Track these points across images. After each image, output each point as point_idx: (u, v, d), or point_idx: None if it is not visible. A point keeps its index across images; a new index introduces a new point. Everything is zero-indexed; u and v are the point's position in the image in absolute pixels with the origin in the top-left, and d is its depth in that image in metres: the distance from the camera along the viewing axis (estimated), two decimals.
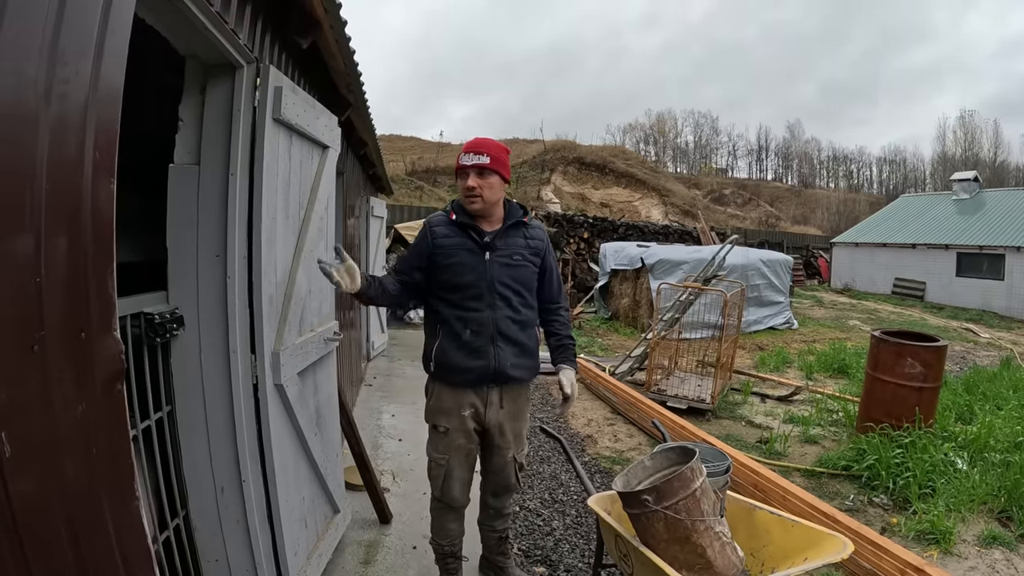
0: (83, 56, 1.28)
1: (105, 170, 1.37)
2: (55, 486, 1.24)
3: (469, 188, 2.79)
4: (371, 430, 5.67)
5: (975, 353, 11.69)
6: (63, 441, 1.26)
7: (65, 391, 1.26)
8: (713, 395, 6.73)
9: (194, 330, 2.42)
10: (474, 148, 2.82)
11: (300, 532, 2.89)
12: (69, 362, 1.28)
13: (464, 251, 2.83)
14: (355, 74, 3.89)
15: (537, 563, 3.57)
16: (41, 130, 1.16)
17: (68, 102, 1.24)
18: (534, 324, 3.02)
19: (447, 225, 2.89)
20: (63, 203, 1.24)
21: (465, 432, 2.90)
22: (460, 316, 2.83)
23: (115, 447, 1.46)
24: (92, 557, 1.36)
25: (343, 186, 5.71)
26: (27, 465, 1.15)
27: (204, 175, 2.40)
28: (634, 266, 12.78)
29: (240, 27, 2.31)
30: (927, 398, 5.38)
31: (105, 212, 1.37)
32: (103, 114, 1.35)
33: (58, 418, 1.24)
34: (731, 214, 44.00)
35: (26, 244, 1.14)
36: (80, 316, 1.31)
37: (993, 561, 3.78)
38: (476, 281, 2.82)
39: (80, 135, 1.28)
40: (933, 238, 22.04)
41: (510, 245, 2.90)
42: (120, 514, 1.47)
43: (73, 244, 1.28)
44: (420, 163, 35.68)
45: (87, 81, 1.29)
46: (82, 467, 1.33)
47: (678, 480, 2.31)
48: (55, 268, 1.22)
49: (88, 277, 1.33)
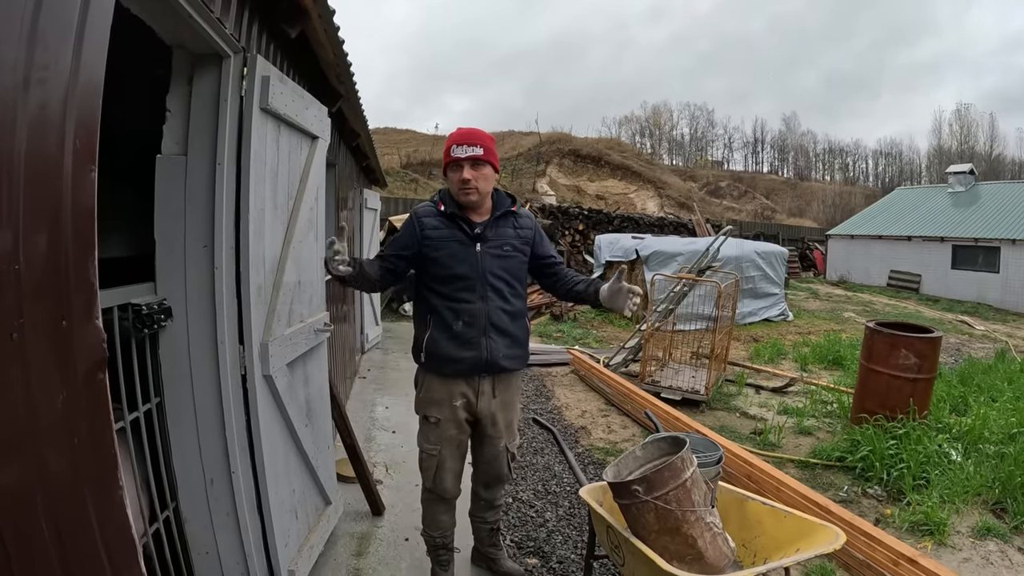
0: (63, 41, 1.26)
1: (86, 158, 1.35)
2: (36, 476, 1.23)
3: (464, 180, 2.75)
4: (364, 422, 5.67)
5: (970, 345, 11.71)
6: (44, 430, 1.25)
7: (46, 380, 1.25)
8: (707, 386, 6.72)
9: (182, 321, 2.41)
10: (467, 139, 2.78)
11: (291, 523, 2.88)
12: (50, 350, 1.27)
13: (454, 242, 2.81)
14: (345, 65, 3.86)
15: (530, 554, 3.57)
16: (19, 117, 1.15)
17: (48, 88, 1.22)
18: (524, 315, 3.01)
19: (435, 216, 2.86)
20: (42, 191, 1.23)
21: (457, 422, 2.89)
22: (451, 307, 2.81)
23: (98, 436, 1.45)
24: (74, 548, 1.34)
25: (335, 178, 5.69)
26: (6, 455, 1.14)
27: (191, 165, 2.38)
28: (629, 258, 12.76)
29: (226, 16, 2.28)
30: (921, 389, 5.38)
31: (86, 200, 1.36)
32: (84, 101, 1.34)
33: (38, 407, 1.23)
34: (727, 206, 43.97)
35: (4, 231, 1.12)
36: (61, 304, 1.30)
37: (987, 553, 3.78)
38: (468, 272, 2.80)
39: (60, 122, 1.27)
40: (929, 231, 22.03)
41: (500, 236, 2.88)
42: (104, 504, 1.46)
43: (53, 232, 1.27)
44: (415, 156, 35.63)
45: (67, 67, 1.28)
46: (64, 457, 1.32)
47: (668, 470, 2.31)
48: (34, 256, 1.20)
49: (69, 265, 1.31)
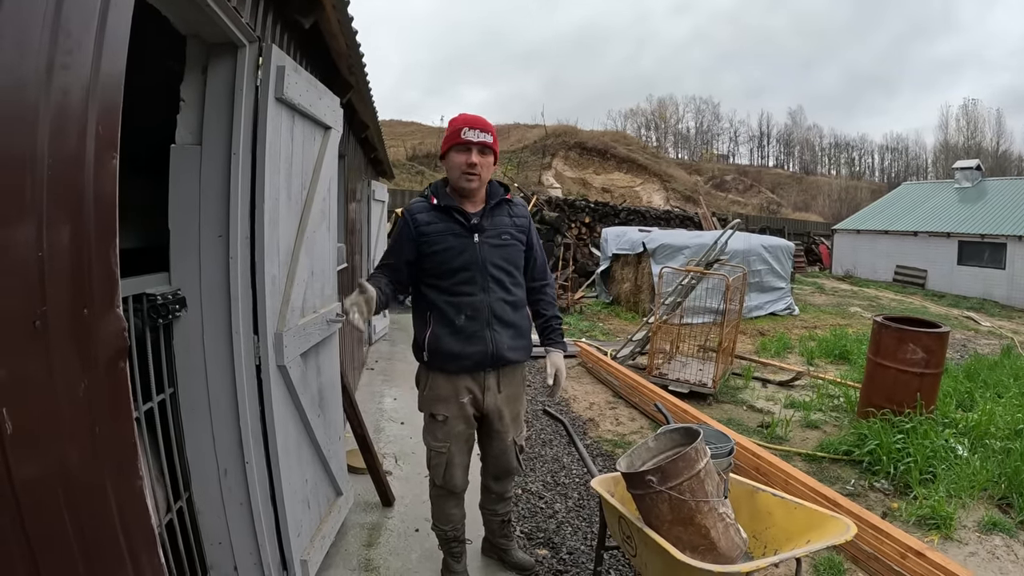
0: (86, 28, 1.26)
1: (108, 145, 1.35)
2: (57, 464, 1.23)
3: (472, 164, 2.71)
4: (373, 413, 5.68)
5: (976, 341, 11.68)
6: (65, 419, 1.25)
7: (68, 368, 1.25)
8: (714, 379, 6.72)
9: (196, 311, 2.41)
10: (478, 125, 2.74)
11: (303, 514, 2.89)
12: (72, 339, 1.27)
13: (451, 235, 2.76)
14: (357, 55, 3.86)
15: (539, 545, 3.58)
16: (43, 104, 1.15)
17: (71, 74, 1.22)
18: (525, 304, 2.99)
19: (428, 211, 2.80)
20: (65, 178, 1.23)
21: (464, 418, 2.88)
22: (452, 302, 2.77)
23: (119, 426, 1.45)
24: (95, 537, 1.35)
25: (345, 169, 5.69)
26: (28, 443, 1.14)
27: (206, 155, 2.38)
28: (636, 251, 12.75)
29: (242, 5, 2.28)
30: (928, 384, 5.37)
31: (108, 187, 1.36)
32: (106, 88, 1.34)
33: (60, 395, 1.23)
34: (732, 200, 43.91)
35: (28, 218, 1.12)
36: (83, 292, 1.30)
37: (993, 547, 3.78)
38: (468, 264, 2.75)
39: (83, 109, 1.26)
40: (935, 226, 21.95)
41: (497, 225, 2.84)
42: (123, 493, 1.46)
43: (75, 220, 1.27)
44: (421, 148, 35.65)
45: (90, 53, 1.28)
46: (85, 445, 1.32)
47: (682, 460, 2.31)
48: (57, 243, 1.20)
49: (91, 253, 1.31)
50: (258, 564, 2.61)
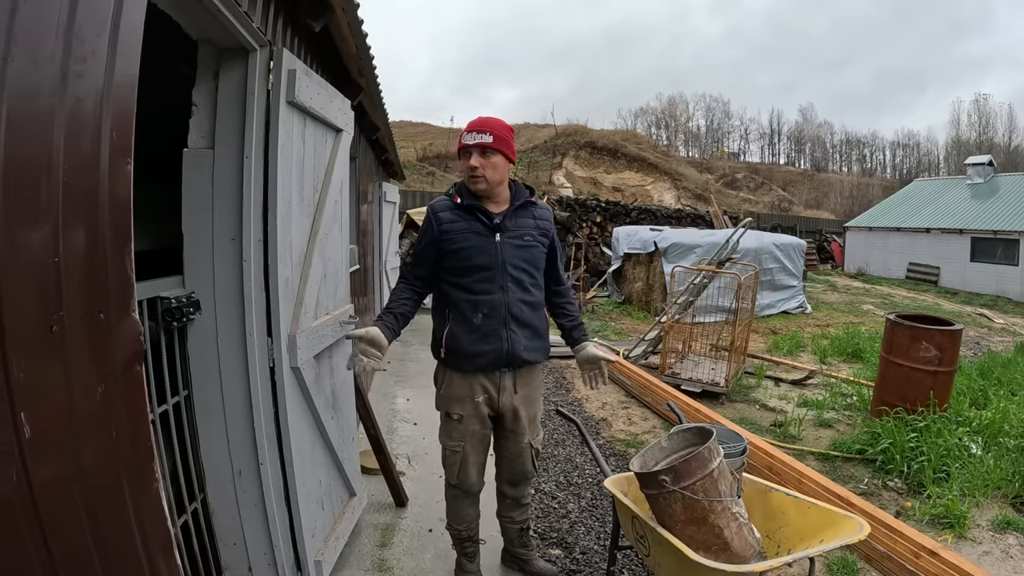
0: (99, 35, 1.27)
1: (122, 151, 1.37)
2: (75, 467, 1.24)
3: (472, 168, 2.75)
4: (386, 414, 5.70)
5: (989, 338, 11.59)
6: (83, 422, 1.26)
7: (85, 372, 1.27)
8: (727, 378, 6.70)
9: (210, 314, 2.43)
10: (477, 127, 2.77)
11: (317, 515, 2.90)
12: (88, 343, 1.28)
13: (473, 234, 2.78)
14: (367, 58, 3.87)
15: (553, 545, 3.58)
16: (58, 110, 1.16)
17: (84, 81, 1.23)
18: (543, 305, 3.01)
19: (452, 210, 2.83)
20: (80, 184, 1.24)
21: (480, 418, 2.88)
22: (471, 300, 2.79)
23: (135, 429, 1.46)
24: (113, 539, 1.36)
25: (356, 171, 5.71)
26: (47, 446, 1.15)
27: (219, 159, 2.39)
28: (647, 250, 12.72)
29: (253, 10, 2.29)
30: (942, 382, 5.33)
31: (122, 192, 1.37)
32: (120, 94, 1.35)
33: (77, 399, 1.24)
34: (743, 198, 43.77)
35: (44, 224, 1.14)
36: (99, 297, 1.31)
37: (1007, 546, 3.75)
38: (488, 263, 2.77)
39: (97, 115, 1.28)
40: (947, 223, 21.78)
41: (520, 226, 2.86)
42: (140, 496, 1.47)
43: (91, 224, 1.28)
44: (431, 149, 35.75)
45: (103, 60, 1.29)
46: (102, 449, 1.33)
47: (696, 460, 2.30)
48: (73, 248, 1.22)
49: (106, 258, 1.33)
50: (272, 565, 2.62)
